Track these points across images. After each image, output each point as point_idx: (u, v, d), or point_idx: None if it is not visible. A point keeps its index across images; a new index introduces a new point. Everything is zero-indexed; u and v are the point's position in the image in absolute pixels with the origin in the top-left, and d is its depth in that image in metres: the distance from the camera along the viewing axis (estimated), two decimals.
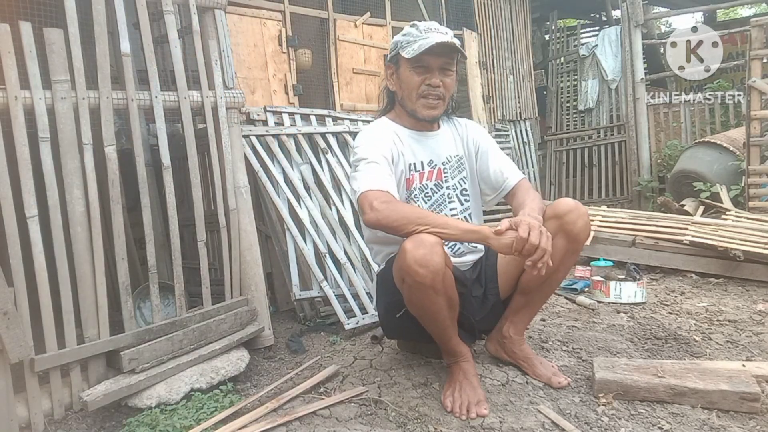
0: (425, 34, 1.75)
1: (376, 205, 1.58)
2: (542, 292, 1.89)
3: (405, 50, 1.76)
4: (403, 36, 1.80)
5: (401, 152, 1.84)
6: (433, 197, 1.89)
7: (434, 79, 1.79)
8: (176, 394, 2.10)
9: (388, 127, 1.89)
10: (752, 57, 4.22)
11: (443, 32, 1.77)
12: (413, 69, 1.79)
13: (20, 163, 1.92)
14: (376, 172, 1.67)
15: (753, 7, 8.35)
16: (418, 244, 1.52)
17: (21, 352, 1.82)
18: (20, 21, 1.95)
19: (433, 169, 1.90)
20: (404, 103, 1.87)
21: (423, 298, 1.60)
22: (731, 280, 3.14)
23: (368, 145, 1.76)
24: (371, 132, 1.85)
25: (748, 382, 1.66)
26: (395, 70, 1.86)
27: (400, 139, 1.86)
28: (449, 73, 1.82)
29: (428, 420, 1.65)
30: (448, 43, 1.73)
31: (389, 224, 1.58)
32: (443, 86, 1.81)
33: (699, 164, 4.74)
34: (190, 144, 2.43)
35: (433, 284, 1.55)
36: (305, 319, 3.06)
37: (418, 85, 1.80)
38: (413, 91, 1.81)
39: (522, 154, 6.01)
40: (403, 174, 1.84)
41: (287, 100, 4.04)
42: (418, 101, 1.82)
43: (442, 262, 1.54)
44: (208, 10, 2.53)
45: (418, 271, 1.52)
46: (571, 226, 1.74)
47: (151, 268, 2.26)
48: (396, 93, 1.90)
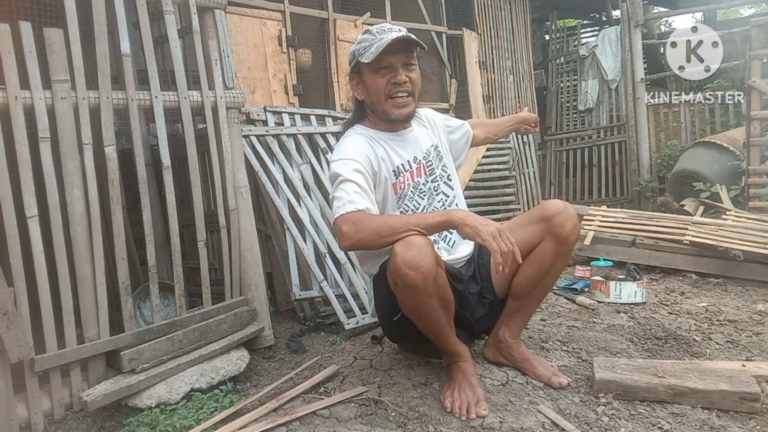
0: (379, 35, 1.73)
1: (345, 229, 1.57)
2: (534, 295, 1.88)
3: (363, 56, 1.74)
4: (359, 44, 1.78)
5: (381, 158, 1.81)
6: (427, 192, 1.89)
7: (399, 77, 1.77)
8: (176, 394, 2.10)
9: (366, 135, 1.86)
10: (752, 57, 4.23)
11: (397, 30, 1.75)
12: (376, 72, 1.77)
13: (20, 163, 1.92)
14: (349, 191, 1.64)
15: (753, 7, 8.35)
16: (407, 247, 1.51)
17: (21, 352, 1.82)
18: (20, 21, 1.96)
19: (419, 165, 1.90)
20: (375, 108, 1.84)
21: (416, 300, 1.60)
22: (731, 280, 3.14)
23: (342, 160, 1.73)
24: (347, 144, 1.81)
25: (748, 382, 1.66)
26: (359, 79, 1.84)
27: (380, 145, 1.84)
28: (412, 68, 1.80)
29: (428, 420, 1.65)
30: (403, 37, 1.72)
31: (361, 245, 1.61)
32: (410, 81, 1.79)
33: (699, 164, 4.74)
34: (190, 144, 2.43)
35: (425, 286, 1.54)
36: (305, 319, 3.06)
37: (384, 86, 1.78)
38: (381, 94, 1.79)
39: (522, 154, 6.01)
40: (388, 180, 1.82)
41: (287, 100, 4.04)
42: (387, 102, 1.80)
43: (432, 263, 1.53)
44: (208, 10, 2.53)
45: (408, 274, 1.51)
46: (560, 229, 1.74)
47: (151, 268, 2.26)
48: (365, 101, 1.87)
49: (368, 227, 1.56)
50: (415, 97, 1.84)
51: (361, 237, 1.56)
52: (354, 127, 1.92)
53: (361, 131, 1.89)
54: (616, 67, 6.49)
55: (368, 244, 1.59)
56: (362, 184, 1.68)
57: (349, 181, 1.67)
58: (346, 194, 1.64)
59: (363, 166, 1.73)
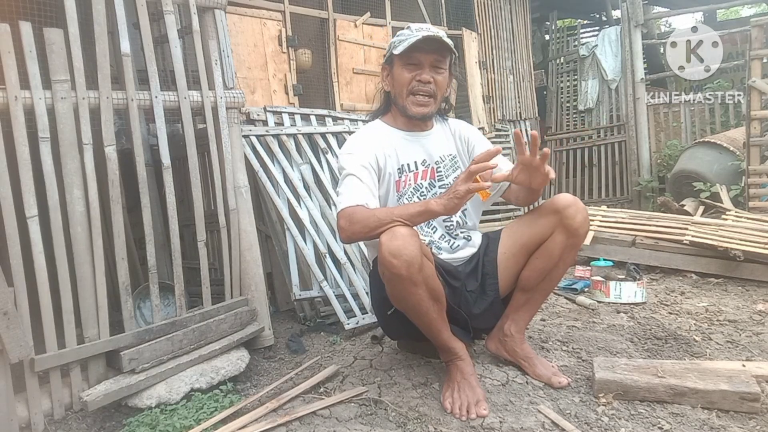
0: (416, 32, 1.77)
1: (342, 224, 1.65)
2: (543, 288, 1.90)
3: (397, 48, 1.79)
4: (397, 37, 1.83)
5: (388, 155, 1.85)
6: (428, 196, 1.89)
7: (424, 75, 1.80)
8: (176, 394, 2.09)
9: (379, 130, 1.91)
10: (752, 57, 4.23)
11: (434, 31, 1.79)
12: (404, 66, 1.81)
13: (20, 163, 1.92)
14: (351, 186, 1.71)
15: (753, 7, 8.35)
16: (392, 237, 1.54)
17: (21, 352, 1.82)
18: (20, 21, 1.95)
19: (426, 168, 1.91)
20: (396, 101, 1.88)
21: (402, 290, 1.61)
22: (731, 280, 3.14)
23: (350, 154, 1.80)
24: (357, 138, 1.88)
25: (748, 382, 1.66)
26: (390, 70, 1.88)
27: (390, 142, 1.87)
28: (440, 71, 1.83)
29: (428, 420, 1.65)
30: (434, 36, 1.75)
31: (356, 238, 1.68)
32: (434, 83, 1.82)
33: (699, 164, 4.74)
34: (190, 144, 2.43)
35: (410, 274, 1.55)
36: (305, 319, 3.06)
37: (409, 81, 1.81)
38: (404, 88, 1.83)
39: None
40: (392, 177, 1.86)
41: (287, 100, 4.04)
42: (408, 98, 1.84)
43: (416, 252, 1.54)
44: (208, 10, 2.53)
45: (392, 263, 1.53)
46: (571, 221, 1.76)
47: (151, 268, 2.26)
48: (390, 93, 1.91)
49: (359, 221, 1.62)
50: (437, 99, 1.87)
51: (353, 230, 1.63)
52: (374, 121, 1.97)
53: (377, 125, 1.94)
54: (616, 67, 6.49)
55: (360, 236, 1.66)
56: (364, 178, 1.73)
57: (352, 175, 1.73)
58: (347, 189, 1.71)
59: (368, 160, 1.78)
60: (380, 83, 1.96)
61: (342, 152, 1.84)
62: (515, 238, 1.89)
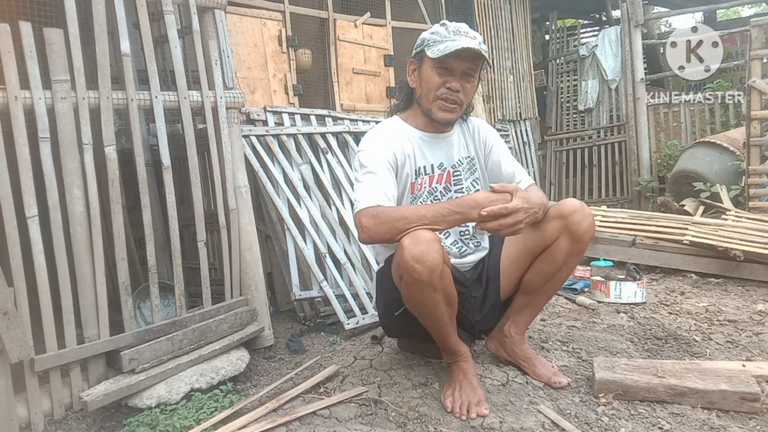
0: (453, 36, 1.71)
1: (364, 222, 1.60)
2: (545, 291, 1.89)
3: (431, 49, 1.73)
4: (431, 34, 1.77)
5: (408, 155, 1.81)
6: (442, 200, 1.86)
7: (455, 83, 1.75)
8: (176, 394, 2.09)
9: (398, 128, 1.86)
10: (752, 57, 4.23)
11: (472, 37, 1.73)
12: (436, 69, 1.75)
13: (20, 163, 1.92)
14: (372, 184, 1.67)
15: (753, 7, 8.35)
16: (416, 241, 1.51)
17: (21, 352, 1.82)
18: (20, 21, 1.95)
19: (443, 172, 1.88)
20: (421, 101, 1.83)
21: (421, 295, 1.59)
22: (731, 280, 3.14)
23: (370, 151, 1.75)
24: (377, 134, 1.82)
25: (748, 382, 1.66)
26: (418, 66, 1.83)
27: (410, 142, 1.83)
28: (471, 79, 1.79)
29: (428, 420, 1.65)
30: (474, 49, 1.70)
31: (379, 238, 1.61)
32: (463, 91, 1.78)
33: (699, 164, 4.74)
34: (190, 144, 2.43)
35: (431, 281, 1.54)
36: (305, 319, 3.06)
37: (438, 86, 1.76)
38: (432, 91, 1.78)
39: (522, 154, 6.01)
40: (409, 178, 1.82)
41: (287, 100, 4.04)
42: (435, 102, 1.79)
43: (439, 258, 1.53)
44: (208, 10, 2.53)
45: (415, 268, 1.51)
46: (576, 227, 1.74)
47: (151, 268, 2.26)
48: (415, 90, 1.86)
49: (385, 221, 1.57)
50: (462, 107, 1.83)
51: (378, 230, 1.58)
52: (392, 117, 1.93)
53: (396, 123, 1.89)
54: (616, 67, 6.49)
55: (384, 237, 1.60)
56: (386, 177, 1.70)
57: (373, 173, 1.69)
58: (369, 187, 1.66)
59: (388, 158, 1.74)
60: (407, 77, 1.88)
61: (361, 148, 1.79)
62: (519, 242, 1.86)
